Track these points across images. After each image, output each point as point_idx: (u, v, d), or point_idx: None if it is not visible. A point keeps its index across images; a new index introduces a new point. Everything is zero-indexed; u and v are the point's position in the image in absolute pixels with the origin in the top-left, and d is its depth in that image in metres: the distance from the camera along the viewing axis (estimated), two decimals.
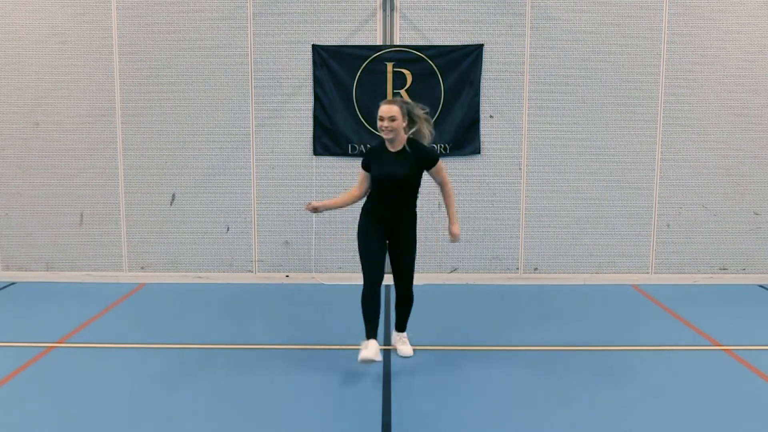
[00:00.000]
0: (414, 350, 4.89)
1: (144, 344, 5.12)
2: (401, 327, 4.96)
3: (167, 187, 6.78)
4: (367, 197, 4.74)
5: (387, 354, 4.91)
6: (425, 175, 4.68)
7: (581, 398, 4.18)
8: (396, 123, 4.46)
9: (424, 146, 4.63)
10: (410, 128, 4.58)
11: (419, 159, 4.55)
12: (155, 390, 4.30)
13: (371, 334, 4.52)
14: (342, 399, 4.19)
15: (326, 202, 4.81)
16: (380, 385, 4.36)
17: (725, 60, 6.61)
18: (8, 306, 6.15)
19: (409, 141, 4.58)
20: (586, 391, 4.29)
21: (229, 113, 6.68)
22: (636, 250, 6.84)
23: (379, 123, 4.51)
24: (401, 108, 4.50)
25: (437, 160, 4.61)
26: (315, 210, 4.68)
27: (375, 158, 4.61)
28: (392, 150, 4.57)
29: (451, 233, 4.81)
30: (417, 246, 4.81)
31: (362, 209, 4.75)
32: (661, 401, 4.14)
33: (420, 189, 6.55)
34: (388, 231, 4.67)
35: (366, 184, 4.69)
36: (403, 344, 4.90)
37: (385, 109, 4.48)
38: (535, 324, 5.61)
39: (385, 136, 4.52)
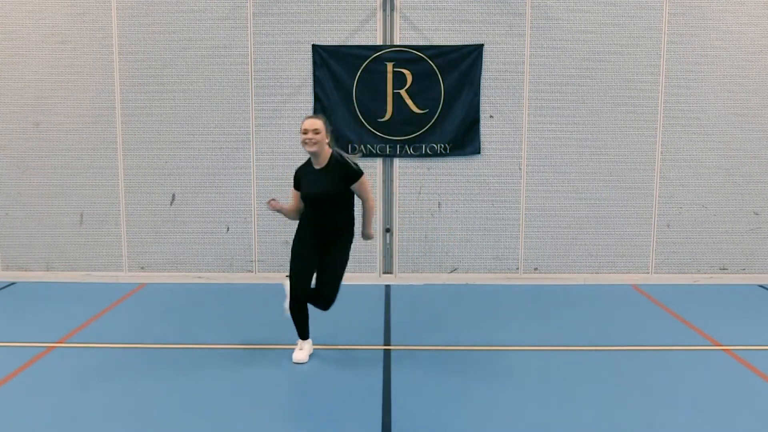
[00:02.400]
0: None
1: (144, 344, 5.12)
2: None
3: (167, 187, 6.78)
4: (302, 215, 4.77)
5: (387, 354, 4.91)
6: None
7: (581, 398, 4.18)
8: (319, 136, 4.52)
9: (348, 162, 4.64)
10: (333, 144, 4.66)
11: (342, 174, 4.58)
12: (155, 390, 4.29)
13: (304, 335, 4.80)
14: (342, 399, 4.19)
15: (285, 206, 4.80)
16: (380, 385, 4.36)
17: (725, 60, 6.61)
18: (8, 306, 6.15)
19: (333, 158, 4.63)
20: (586, 390, 4.29)
21: (229, 113, 6.68)
22: (636, 250, 6.84)
23: (302, 136, 4.54)
24: (324, 122, 4.58)
25: (359, 176, 4.62)
26: (275, 208, 4.69)
27: (303, 176, 4.69)
28: (317, 167, 4.62)
29: (364, 234, 4.79)
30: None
31: (298, 224, 4.79)
32: (661, 401, 4.14)
33: (420, 189, 6.55)
34: (320, 247, 4.68)
35: (298, 202, 4.75)
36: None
37: (310, 122, 4.54)
38: (535, 324, 5.61)
39: (308, 149, 4.55)
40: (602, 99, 6.64)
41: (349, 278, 6.77)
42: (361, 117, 6.60)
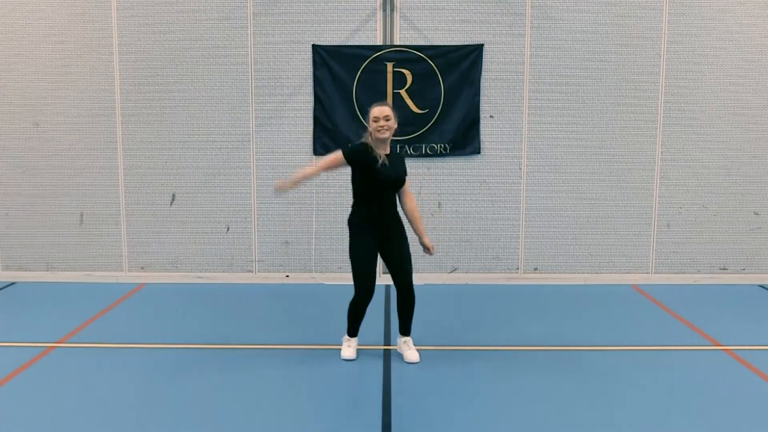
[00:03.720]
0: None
1: (144, 344, 5.12)
2: (405, 330, 4.85)
3: (167, 187, 6.78)
4: (358, 205, 4.66)
5: (387, 354, 4.91)
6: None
7: (581, 398, 4.18)
8: (391, 122, 4.55)
9: (403, 155, 4.76)
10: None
11: (403, 164, 4.76)
12: (155, 390, 4.30)
13: (355, 332, 4.86)
14: (342, 399, 4.19)
15: (303, 172, 4.67)
16: (380, 385, 4.36)
17: (725, 60, 6.61)
18: (8, 306, 6.15)
19: (392, 149, 4.72)
20: (586, 391, 4.29)
21: (229, 113, 6.68)
22: (636, 250, 6.84)
23: (374, 124, 4.53)
24: (393, 108, 4.63)
25: (406, 176, 4.78)
26: (282, 187, 4.65)
27: (365, 159, 4.53)
28: (382, 153, 4.59)
29: (426, 246, 4.81)
30: (410, 246, 4.82)
31: (352, 220, 4.70)
32: (661, 401, 4.14)
33: (420, 189, 6.56)
34: (381, 237, 4.66)
35: (327, 164, 4.62)
36: (408, 349, 4.80)
37: (380, 110, 4.55)
38: (535, 324, 5.61)
39: (381, 137, 4.53)
40: (602, 99, 6.64)
41: (348, 278, 6.79)
42: (361, 117, 6.59)
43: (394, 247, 4.69)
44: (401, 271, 4.70)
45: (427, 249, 4.82)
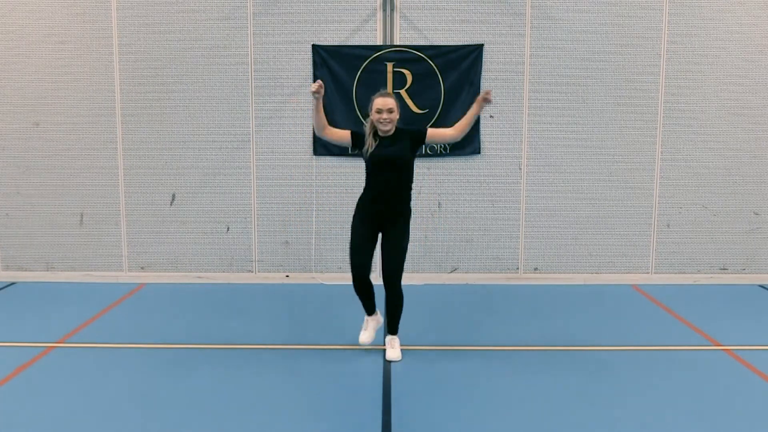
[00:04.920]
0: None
1: (144, 344, 5.12)
2: (391, 329, 4.86)
3: (167, 187, 6.78)
4: (364, 188, 4.71)
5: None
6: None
7: (581, 398, 4.18)
8: (394, 114, 4.57)
9: (409, 127, 4.78)
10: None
11: (410, 136, 4.64)
12: (155, 390, 4.30)
13: (370, 310, 4.89)
14: (342, 399, 4.19)
15: (321, 100, 4.53)
16: (380, 385, 4.36)
17: (725, 60, 6.61)
18: (8, 306, 6.15)
19: (398, 127, 4.69)
20: (586, 391, 4.29)
21: (229, 113, 6.68)
22: (636, 250, 6.84)
23: (376, 116, 4.55)
24: (396, 99, 4.64)
25: (425, 128, 4.77)
26: (318, 90, 4.46)
27: (364, 141, 4.65)
28: (384, 135, 4.63)
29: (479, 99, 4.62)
30: (409, 245, 4.79)
31: (357, 202, 4.76)
32: (661, 401, 4.14)
33: (420, 189, 6.54)
34: (378, 222, 4.66)
35: (333, 133, 4.68)
36: (391, 348, 4.81)
37: (382, 102, 4.56)
38: (535, 324, 5.61)
39: (384, 128, 4.56)
40: (602, 99, 6.64)
41: (348, 278, 6.79)
42: (361, 117, 6.59)
43: (387, 239, 4.68)
44: (386, 266, 4.69)
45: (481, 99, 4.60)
